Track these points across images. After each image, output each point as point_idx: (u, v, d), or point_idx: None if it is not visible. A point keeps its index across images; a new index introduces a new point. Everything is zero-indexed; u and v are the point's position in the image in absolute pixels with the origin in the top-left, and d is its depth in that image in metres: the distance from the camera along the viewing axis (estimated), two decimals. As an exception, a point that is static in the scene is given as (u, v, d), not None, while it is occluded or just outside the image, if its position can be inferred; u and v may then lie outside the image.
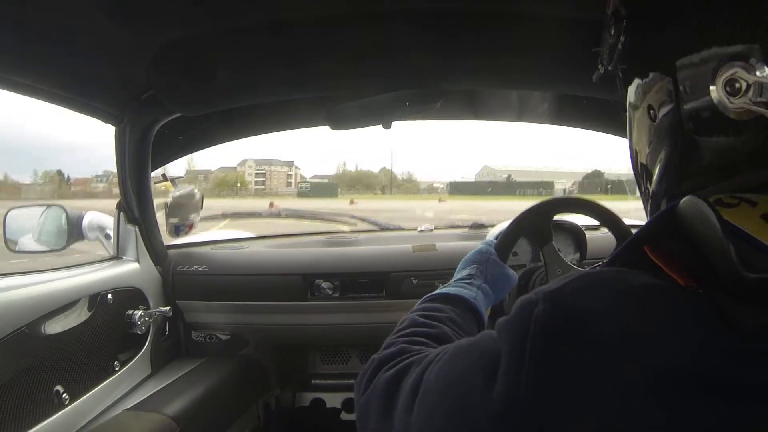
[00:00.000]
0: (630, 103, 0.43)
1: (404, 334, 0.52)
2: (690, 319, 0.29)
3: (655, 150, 0.40)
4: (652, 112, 0.39)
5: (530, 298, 0.33)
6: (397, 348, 0.48)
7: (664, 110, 0.37)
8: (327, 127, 1.18)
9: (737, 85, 0.32)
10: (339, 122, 1.16)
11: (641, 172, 0.43)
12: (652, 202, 0.42)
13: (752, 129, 0.33)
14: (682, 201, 0.32)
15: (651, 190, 0.41)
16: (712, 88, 0.33)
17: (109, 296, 1.02)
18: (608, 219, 1.09)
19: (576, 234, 1.27)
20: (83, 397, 0.91)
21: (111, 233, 1.20)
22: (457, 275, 0.70)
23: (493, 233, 1.32)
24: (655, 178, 0.40)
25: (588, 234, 1.26)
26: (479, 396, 0.33)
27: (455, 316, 0.57)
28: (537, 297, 0.32)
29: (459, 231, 1.64)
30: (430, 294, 0.63)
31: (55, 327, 0.86)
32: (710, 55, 0.33)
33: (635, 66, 0.41)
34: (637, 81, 0.41)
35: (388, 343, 0.51)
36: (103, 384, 0.98)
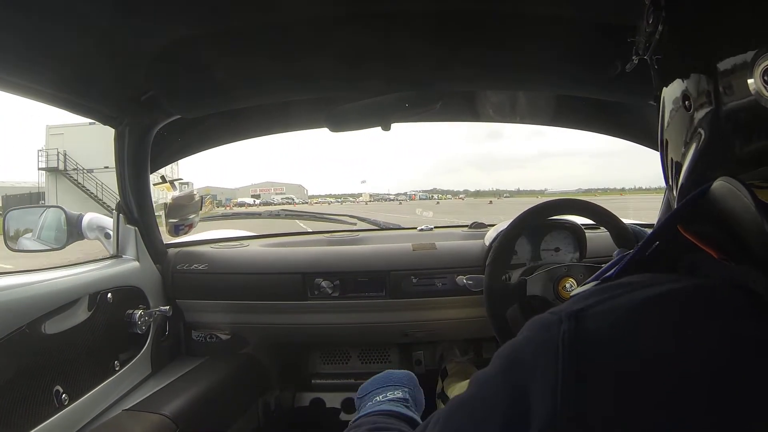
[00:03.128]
0: (664, 94, 0.42)
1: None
2: (714, 318, 0.29)
3: (686, 143, 0.39)
4: (687, 102, 0.38)
5: (550, 319, 0.32)
6: None
7: (699, 107, 0.37)
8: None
9: None
10: (338, 124, 1.17)
11: (671, 164, 0.43)
12: (679, 194, 0.41)
13: None
14: (715, 182, 0.32)
15: (680, 182, 0.41)
16: (750, 81, 0.33)
17: (109, 295, 1.02)
18: (606, 219, 1.09)
19: (576, 233, 1.27)
20: (83, 397, 0.91)
21: (110, 233, 1.21)
22: (388, 392, 0.69)
23: (492, 233, 1.32)
24: (684, 170, 0.40)
25: (588, 233, 1.27)
26: (514, 428, 0.31)
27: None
28: (558, 316, 0.31)
29: (459, 230, 1.65)
30: (373, 410, 0.63)
31: (55, 326, 0.86)
32: (749, 50, 0.33)
33: (672, 57, 0.40)
34: (671, 73, 0.40)
35: None
36: (103, 384, 0.98)
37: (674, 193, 0.43)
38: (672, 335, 0.29)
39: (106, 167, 20.00)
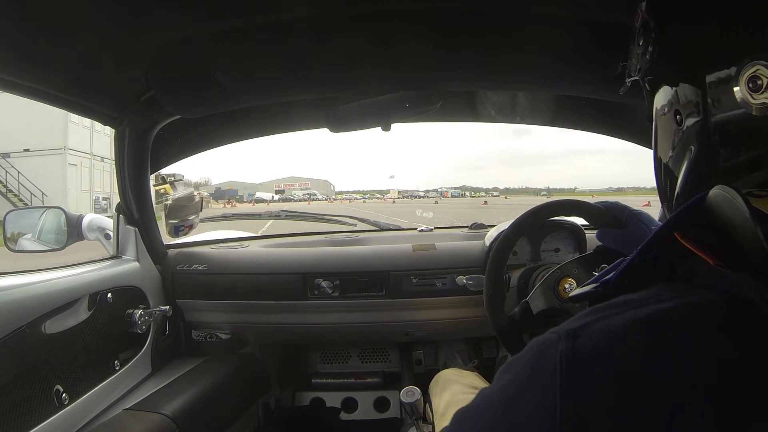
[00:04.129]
0: (656, 111, 0.44)
1: None
2: (707, 339, 0.29)
3: (679, 157, 0.41)
4: (678, 117, 0.40)
5: (550, 338, 0.33)
6: None
7: (690, 121, 0.39)
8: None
9: (759, 81, 0.33)
10: (338, 124, 1.17)
11: (665, 177, 0.44)
12: (675, 205, 0.42)
13: None
14: (711, 190, 0.33)
15: (675, 194, 0.42)
16: (736, 89, 0.34)
17: (109, 295, 1.03)
18: (576, 208, 1.07)
19: (576, 233, 1.28)
20: (83, 397, 0.91)
21: (110, 233, 1.21)
22: None
23: (492, 234, 1.32)
24: (679, 181, 0.41)
25: (588, 233, 1.27)
26: None
27: None
28: (558, 335, 0.32)
29: (459, 231, 1.65)
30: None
31: (55, 326, 0.86)
32: (734, 61, 0.34)
33: (663, 77, 0.42)
34: (663, 91, 0.42)
35: None
36: (103, 384, 0.98)
37: (669, 208, 0.44)
38: (665, 352, 0.29)
39: (27, 150, 15.35)
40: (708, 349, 0.29)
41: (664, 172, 0.44)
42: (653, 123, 0.45)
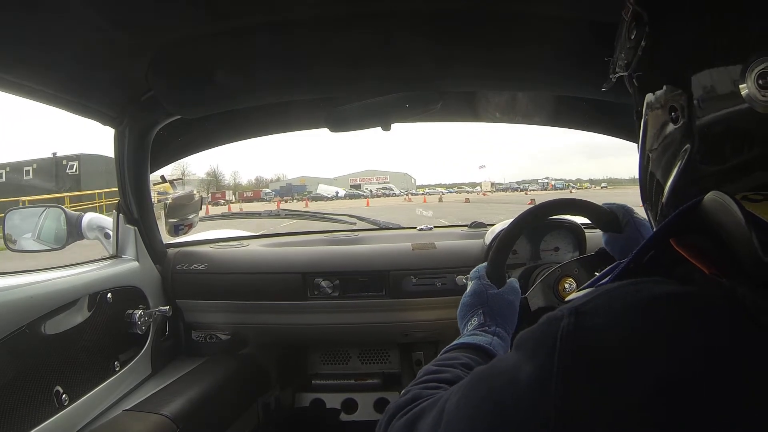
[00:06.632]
0: (645, 109, 0.42)
1: (418, 382, 0.53)
2: (702, 325, 0.30)
3: (669, 157, 0.40)
4: (674, 114, 0.39)
5: (556, 314, 0.34)
6: (411, 394, 0.49)
7: (687, 115, 0.38)
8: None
9: None
10: (338, 124, 1.17)
11: (650, 176, 0.43)
12: (665, 205, 0.41)
13: None
14: (706, 196, 0.33)
15: (665, 197, 0.41)
16: (742, 85, 0.34)
17: (109, 295, 1.02)
18: (583, 207, 1.07)
19: (575, 232, 1.27)
20: (83, 398, 0.91)
21: (110, 233, 1.21)
22: (467, 325, 0.72)
23: (493, 232, 1.32)
24: (669, 182, 0.40)
25: (587, 232, 1.27)
26: (511, 413, 0.33)
27: (470, 361, 0.58)
28: (563, 313, 0.34)
29: (459, 230, 1.64)
30: (448, 346, 0.65)
31: (55, 327, 0.86)
32: (742, 56, 0.34)
33: (656, 70, 0.41)
34: (657, 86, 0.41)
35: (404, 392, 0.51)
36: (103, 384, 0.98)
37: (651, 207, 0.44)
38: (658, 334, 0.30)
39: None
40: (699, 335, 0.29)
41: (650, 170, 0.43)
42: (641, 121, 0.44)
